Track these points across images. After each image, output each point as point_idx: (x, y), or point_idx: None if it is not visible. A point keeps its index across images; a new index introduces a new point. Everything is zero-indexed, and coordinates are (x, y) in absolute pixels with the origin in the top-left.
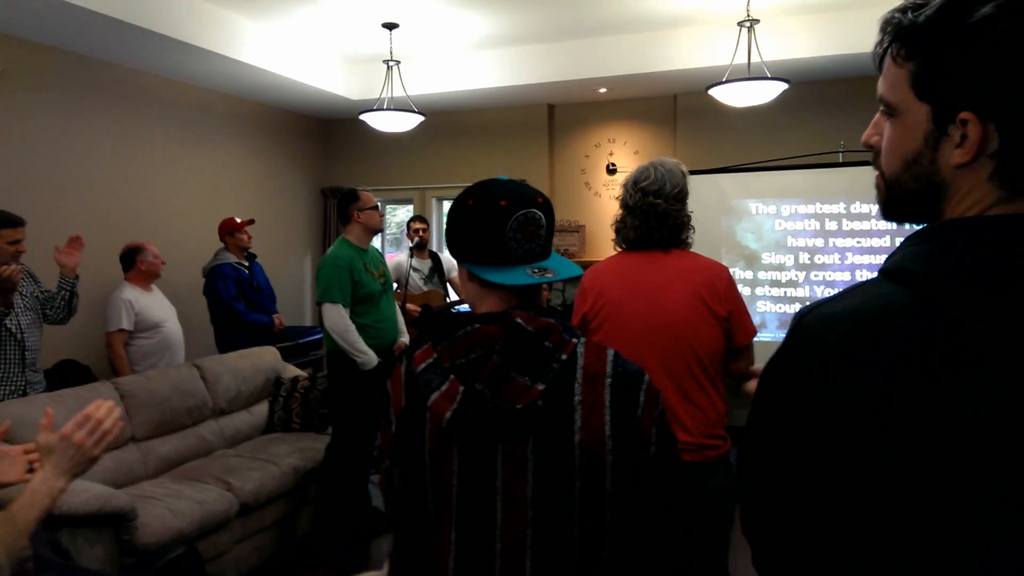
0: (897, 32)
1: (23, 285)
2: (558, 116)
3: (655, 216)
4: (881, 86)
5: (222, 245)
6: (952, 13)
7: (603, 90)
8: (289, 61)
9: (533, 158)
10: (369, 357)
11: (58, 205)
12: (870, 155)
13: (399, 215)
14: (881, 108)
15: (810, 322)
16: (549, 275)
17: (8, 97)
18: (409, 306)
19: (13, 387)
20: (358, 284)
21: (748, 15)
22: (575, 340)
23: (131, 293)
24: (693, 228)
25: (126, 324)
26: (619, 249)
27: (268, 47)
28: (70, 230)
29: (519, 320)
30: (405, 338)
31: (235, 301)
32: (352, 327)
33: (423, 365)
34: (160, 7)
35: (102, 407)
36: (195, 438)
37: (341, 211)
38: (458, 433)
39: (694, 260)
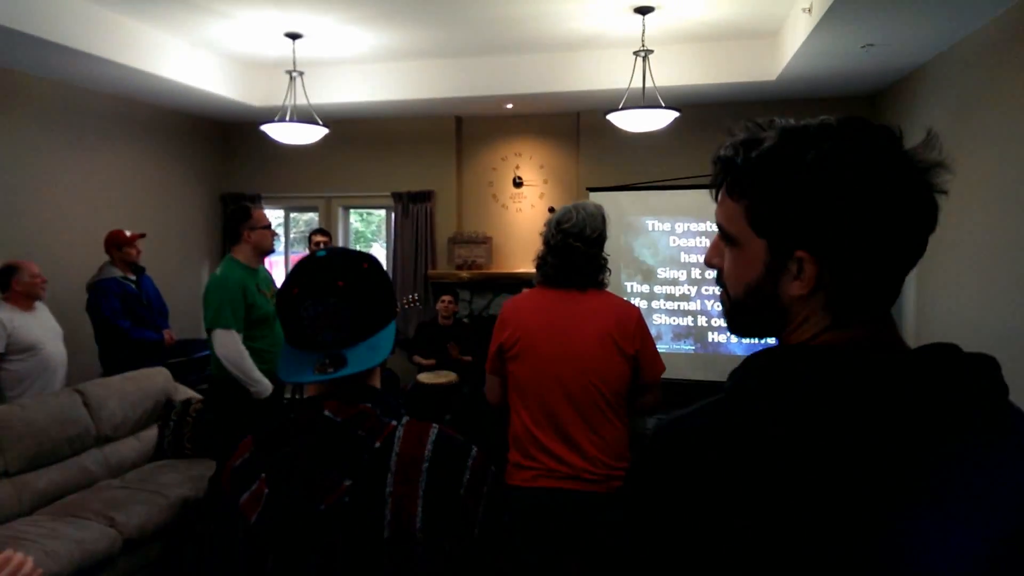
0: (729, 170)
1: None
2: (466, 129)
3: (573, 257)
4: (718, 215)
5: (108, 259)
6: (782, 156)
7: (509, 106)
8: (185, 66)
9: (441, 169)
10: (264, 385)
11: None
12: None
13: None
14: (719, 233)
15: (666, 439)
16: (336, 371)
17: None
18: None
19: None
20: (251, 307)
21: (643, 45)
22: (394, 423)
23: (5, 314)
24: (610, 270)
25: None
26: (538, 284)
27: (164, 52)
28: None
29: (327, 412)
30: None
31: (119, 318)
32: (246, 354)
33: (239, 461)
34: (39, 10)
35: (12, 560)
36: (77, 469)
37: (230, 229)
38: (267, 536)
39: (607, 300)
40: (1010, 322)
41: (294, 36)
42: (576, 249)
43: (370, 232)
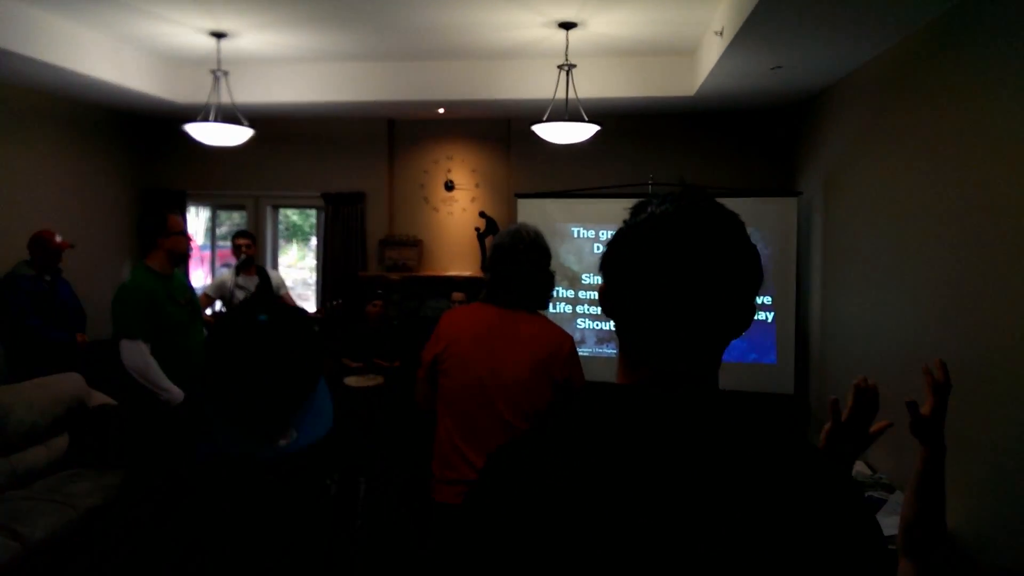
0: None
1: None
2: (398, 131)
3: (515, 279)
4: None
5: (27, 257)
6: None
7: (441, 111)
8: (107, 62)
9: (373, 170)
10: (174, 394)
11: None
12: (676, 188)
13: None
14: None
15: (490, 461)
16: (288, 442)
17: None
18: None
19: None
20: (161, 315)
21: (567, 60)
22: None
23: None
24: (557, 289)
25: None
26: (482, 300)
27: (85, 48)
28: None
29: None
30: None
31: (29, 317)
32: (153, 364)
33: None
34: None
35: None
36: None
37: (143, 235)
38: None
39: (543, 327)
40: (900, 324)
41: (219, 35)
42: (519, 270)
43: (307, 226)
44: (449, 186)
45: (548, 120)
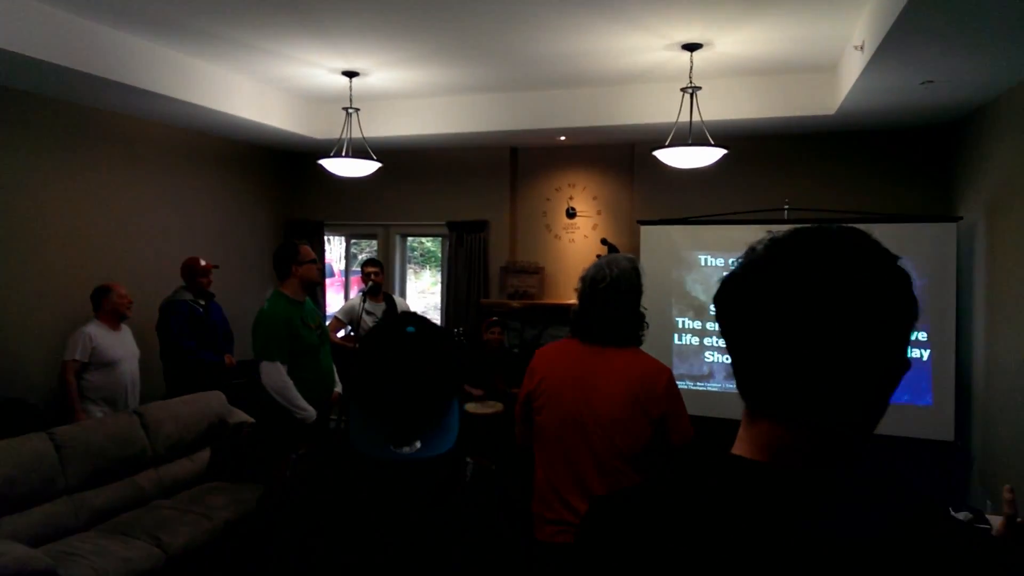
0: None
1: None
2: (521, 160)
3: (606, 316)
4: None
5: (182, 283)
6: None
7: (563, 138)
8: (253, 103)
9: (496, 199)
10: (309, 413)
11: (25, 245)
12: (813, 214)
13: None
14: None
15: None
16: (412, 450)
17: None
18: None
19: None
20: (296, 339)
21: (691, 82)
22: None
23: (94, 329)
24: (647, 324)
25: (79, 355)
26: (571, 336)
27: (234, 91)
28: (43, 269)
29: None
30: (339, 387)
31: (185, 339)
32: (290, 384)
33: None
34: (120, 58)
35: None
36: (131, 488)
37: (279, 264)
38: None
39: (637, 360)
40: None
41: (350, 74)
42: (608, 304)
43: (440, 253)
44: (571, 213)
45: (671, 145)
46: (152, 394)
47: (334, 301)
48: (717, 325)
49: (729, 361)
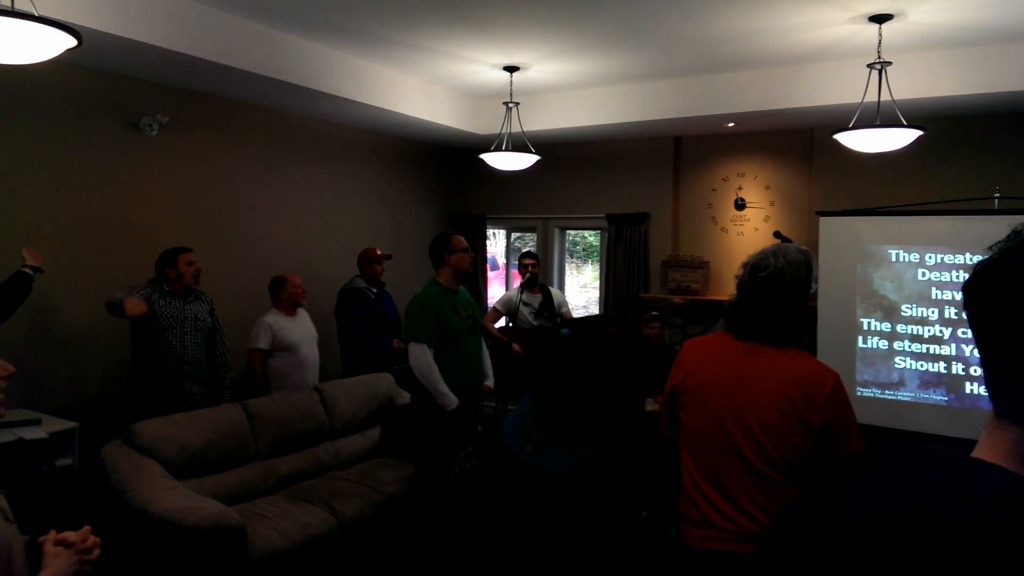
0: None
1: (193, 305)
2: (685, 149)
3: (764, 309)
4: None
5: (358, 271)
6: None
7: (731, 124)
8: (420, 102)
9: (657, 190)
10: (450, 399)
11: (221, 236)
12: None
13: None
14: None
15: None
16: (535, 457)
17: (175, 142)
18: (514, 346)
19: (173, 395)
20: (444, 325)
21: (879, 57)
22: None
23: (273, 318)
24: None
25: (263, 344)
26: (723, 330)
27: (403, 91)
28: (232, 259)
29: None
30: (490, 380)
31: (359, 322)
32: (435, 368)
33: None
34: (302, 63)
35: (89, 539)
36: (311, 459)
37: (433, 254)
38: None
39: (797, 361)
40: None
41: (511, 69)
42: (768, 299)
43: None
44: (740, 204)
45: (856, 127)
46: (330, 375)
47: (496, 294)
48: (965, 315)
49: (923, 368)
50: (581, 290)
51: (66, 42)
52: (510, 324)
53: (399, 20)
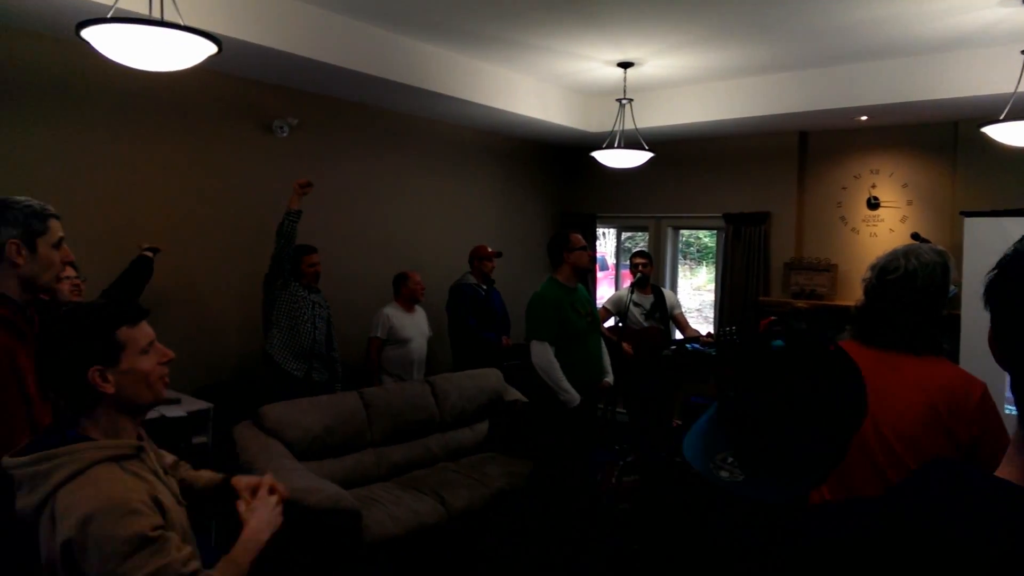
0: None
1: (317, 298)
2: (811, 144)
3: (895, 315)
4: None
5: (469, 268)
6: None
7: (864, 118)
8: (532, 100)
9: (780, 188)
10: (572, 396)
11: (343, 231)
12: None
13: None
14: None
15: None
16: (733, 479)
17: (303, 143)
18: (624, 344)
19: (307, 376)
20: (564, 322)
21: None
22: None
23: (391, 310)
24: (947, 338)
25: (379, 333)
26: (851, 339)
27: (516, 90)
28: (357, 256)
29: None
30: (610, 377)
31: (469, 317)
32: (556, 365)
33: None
34: (421, 66)
35: (278, 488)
36: (422, 449)
37: (552, 252)
38: None
39: (938, 369)
40: None
41: (625, 65)
42: (899, 303)
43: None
44: (873, 203)
45: (1007, 119)
46: (441, 368)
47: (605, 294)
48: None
49: None
50: (694, 293)
51: (208, 49)
52: (619, 324)
53: (515, 20)
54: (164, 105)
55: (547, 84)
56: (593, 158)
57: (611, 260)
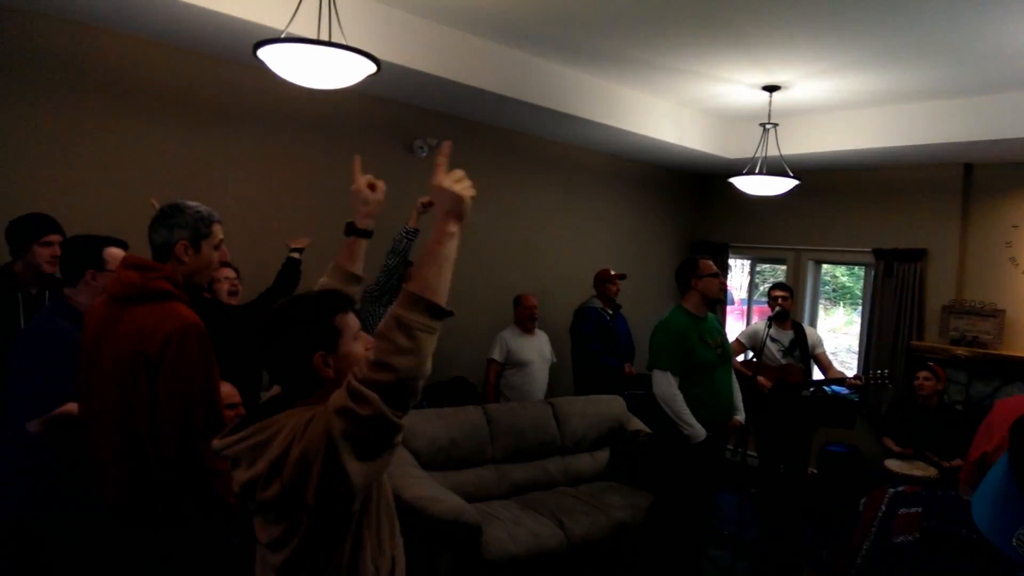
0: None
1: None
2: (978, 177)
3: None
4: None
5: (594, 292)
6: None
7: None
8: (667, 124)
9: (939, 223)
10: (696, 430)
11: (472, 251)
12: None
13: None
14: None
15: None
16: None
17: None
18: (760, 379)
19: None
20: (691, 353)
21: None
22: None
23: (509, 333)
24: None
25: (497, 356)
26: None
27: (650, 113)
28: (480, 273)
29: None
30: (741, 415)
31: (592, 341)
32: (679, 397)
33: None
34: (559, 88)
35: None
36: (542, 471)
37: (680, 278)
38: None
39: None
40: None
41: (771, 88)
42: None
43: (858, 289)
44: None
45: None
46: (562, 391)
47: (733, 329)
48: None
49: None
50: (830, 334)
51: (368, 68)
52: (753, 359)
53: (658, 42)
54: (313, 122)
55: (685, 108)
56: (728, 185)
57: (739, 295)
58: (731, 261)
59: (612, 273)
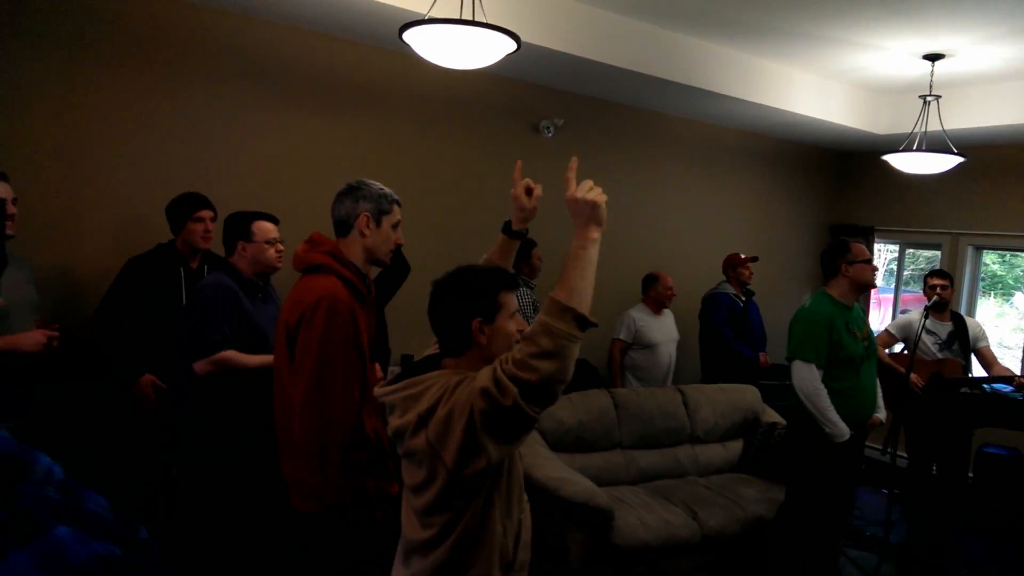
0: None
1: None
2: None
3: None
4: None
5: (724, 277)
6: None
7: None
8: (811, 99)
9: None
10: (840, 429)
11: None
12: None
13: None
14: None
15: None
16: None
17: (566, 143)
18: (913, 376)
19: None
20: (836, 345)
21: None
22: None
23: (638, 313)
24: None
25: (623, 335)
26: None
27: (793, 87)
28: (606, 252)
29: None
30: (881, 413)
31: (724, 327)
32: (823, 391)
33: None
34: (692, 62)
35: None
36: (671, 459)
37: (826, 262)
38: None
39: None
40: None
41: (934, 57)
42: None
43: (1011, 278)
44: None
45: None
46: (685, 378)
47: (873, 319)
48: None
49: None
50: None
51: (508, 46)
52: (904, 352)
53: (801, 9)
54: (442, 105)
55: (830, 80)
56: (873, 163)
57: (879, 282)
58: (876, 246)
59: (743, 257)
